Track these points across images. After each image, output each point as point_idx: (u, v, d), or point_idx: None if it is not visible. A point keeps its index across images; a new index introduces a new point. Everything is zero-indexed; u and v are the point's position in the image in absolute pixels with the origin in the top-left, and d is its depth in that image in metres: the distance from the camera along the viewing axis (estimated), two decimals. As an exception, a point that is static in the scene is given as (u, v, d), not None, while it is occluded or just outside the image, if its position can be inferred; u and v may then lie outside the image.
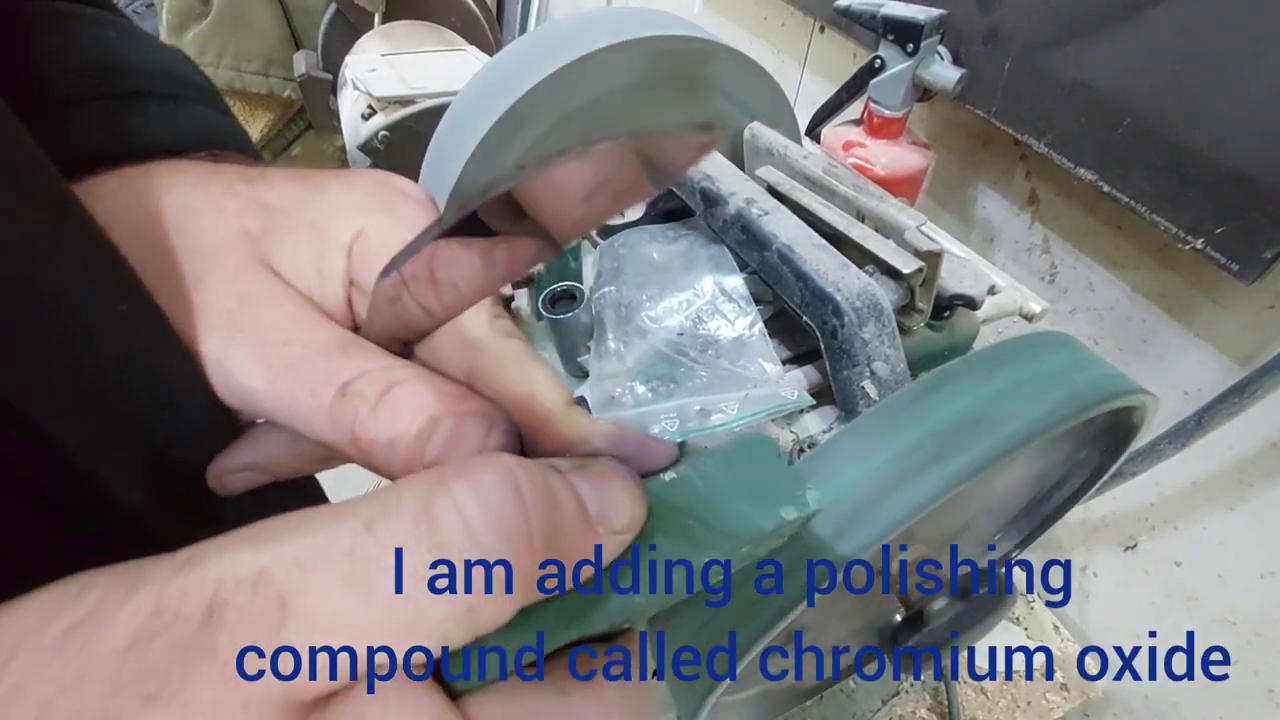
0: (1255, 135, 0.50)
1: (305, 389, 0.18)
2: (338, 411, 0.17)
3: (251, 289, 0.19)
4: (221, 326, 0.18)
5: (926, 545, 0.33)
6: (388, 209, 0.21)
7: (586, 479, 0.16)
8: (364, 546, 0.13)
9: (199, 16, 1.24)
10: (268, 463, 0.20)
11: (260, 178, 0.21)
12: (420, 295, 0.17)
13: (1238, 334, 0.59)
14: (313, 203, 0.21)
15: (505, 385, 0.19)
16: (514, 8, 1.61)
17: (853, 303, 0.42)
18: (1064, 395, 0.25)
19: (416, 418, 0.17)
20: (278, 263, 0.20)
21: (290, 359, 0.18)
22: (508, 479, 0.14)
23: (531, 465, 0.15)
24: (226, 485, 0.20)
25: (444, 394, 0.18)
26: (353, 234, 0.20)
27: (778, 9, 0.98)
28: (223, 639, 0.12)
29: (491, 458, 0.15)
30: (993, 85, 0.65)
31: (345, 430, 0.17)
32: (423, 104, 0.98)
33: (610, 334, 0.47)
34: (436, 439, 0.17)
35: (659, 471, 0.18)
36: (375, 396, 0.17)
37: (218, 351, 0.18)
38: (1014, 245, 0.76)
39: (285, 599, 0.12)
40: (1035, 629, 0.73)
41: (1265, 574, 0.61)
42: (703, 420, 0.41)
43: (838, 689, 0.64)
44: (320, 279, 0.20)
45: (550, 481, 0.15)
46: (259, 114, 1.30)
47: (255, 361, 0.18)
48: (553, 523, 0.14)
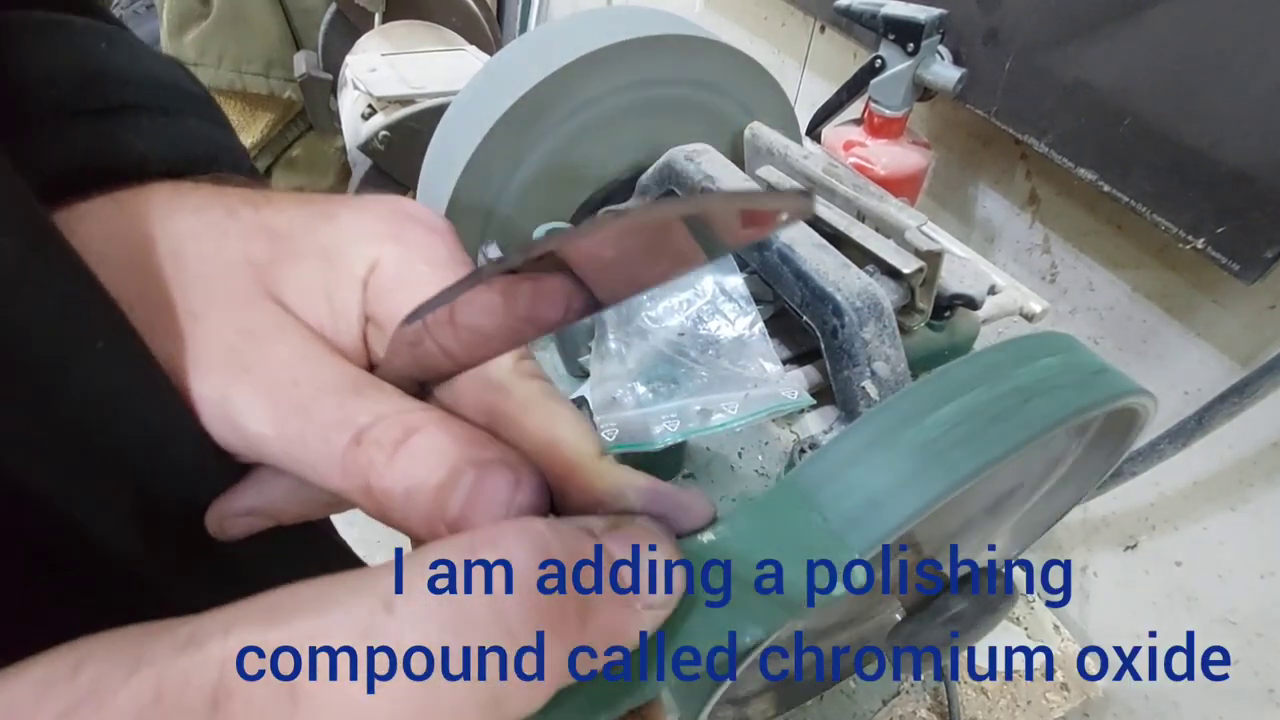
0: (1256, 135, 0.50)
1: (316, 434, 0.16)
2: (351, 459, 0.16)
3: (257, 323, 0.18)
4: (223, 364, 0.17)
5: (926, 545, 0.33)
6: (400, 237, 0.20)
7: (623, 543, 0.15)
8: (382, 629, 0.12)
9: (199, 17, 1.24)
10: (271, 508, 0.19)
11: (266, 202, 0.20)
12: (444, 341, 0.16)
13: (1238, 334, 0.59)
14: (322, 229, 0.19)
15: (529, 431, 0.18)
16: (514, 8, 1.61)
17: (853, 302, 0.42)
18: (1064, 395, 0.25)
19: (437, 468, 0.16)
20: (285, 294, 0.18)
21: (300, 401, 0.17)
22: (540, 552, 0.13)
23: (565, 532, 0.14)
24: (226, 530, 0.19)
25: (465, 441, 0.16)
26: (367, 265, 0.19)
27: (778, 9, 0.98)
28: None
29: (522, 525, 0.14)
30: (993, 85, 0.65)
31: (359, 479, 0.16)
32: (423, 104, 0.98)
33: (611, 334, 0.47)
34: (459, 493, 0.16)
35: (696, 532, 0.17)
36: (392, 444, 0.16)
37: (219, 391, 0.17)
38: (1014, 245, 0.76)
39: (295, 688, 0.11)
40: (1035, 629, 0.73)
41: (1266, 574, 0.61)
42: (703, 420, 0.41)
43: (838, 689, 0.64)
44: (331, 312, 0.19)
45: (586, 550, 0.14)
46: (259, 115, 1.30)
47: (261, 403, 0.17)
48: (589, 601, 0.13)
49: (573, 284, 0.14)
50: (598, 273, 0.14)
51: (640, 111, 0.56)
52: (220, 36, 1.24)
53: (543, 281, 0.14)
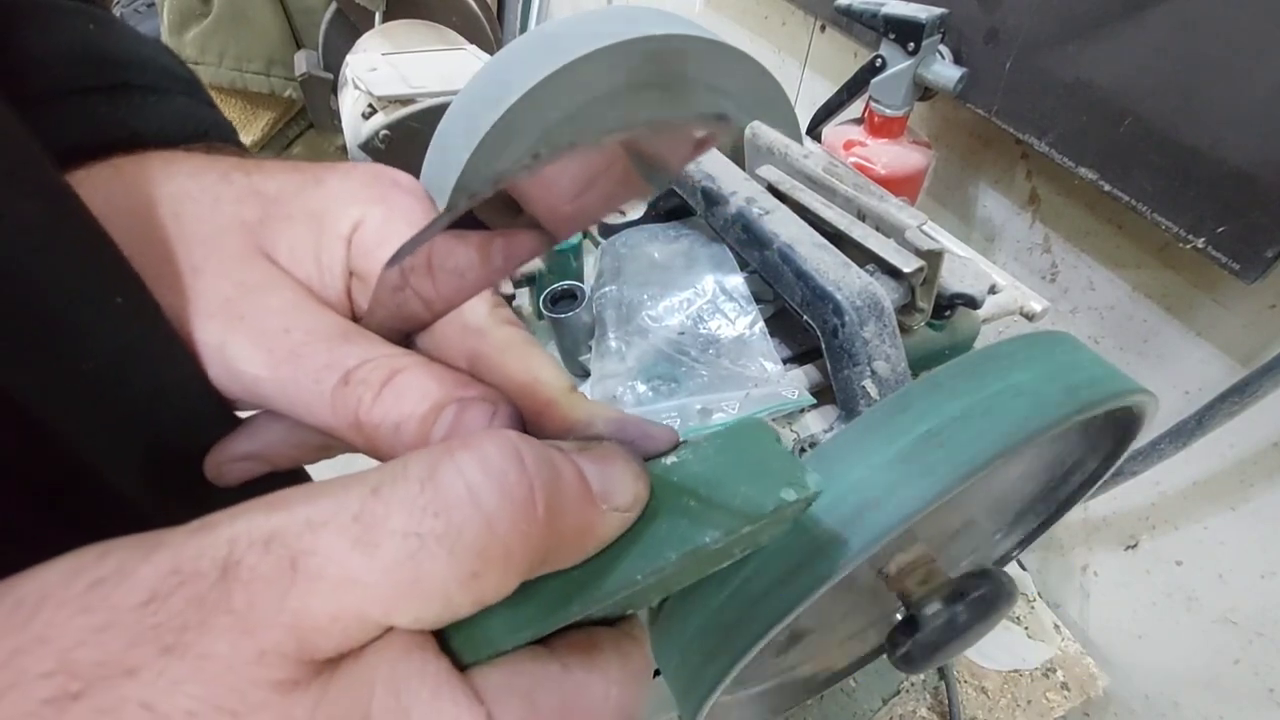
0: (1256, 134, 0.50)
1: (308, 376, 0.18)
2: (341, 398, 0.17)
3: (251, 277, 0.19)
4: (221, 314, 0.18)
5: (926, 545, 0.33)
6: (384, 200, 0.21)
7: (590, 459, 0.16)
8: (371, 509, 0.13)
9: (199, 16, 1.24)
10: (266, 452, 0.20)
11: (256, 168, 0.21)
12: (420, 286, 0.17)
13: (1239, 333, 0.59)
14: (310, 193, 0.21)
15: (507, 371, 0.19)
16: (514, 7, 1.61)
17: (853, 302, 0.42)
18: (1064, 395, 0.25)
19: (421, 403, 0.17)
20: (276, 252, 0.20)
21: (292, 346, 0.18)
22: (511, 449, 0.14)
23: (535, 440, 0.15)
24: (224, 475, 0.20)
25: (447, 380, 0.18)
26: (351, 224, 0.20)
27: (779, 8, 0.98)
28: (237, 595, 0.12)
29: (495, 431, 0.15)
30: (994, 84, 0.65)
31: (349, 416, 0.18)
32: (423, 103, 0.98)
33: (611, 333, 0.47)
34: (441, 424, 0.17)
35: (661, 455, 0.19)
36: (379, 383, 0.17)
37: (217, 338, 0.18)
38: (1015, 244, 0.76)
39: (295, 558, 0.13)
40: (1035, 629, 0.73)
41: (1266, 573, 0.61)
42: (704, 419, 0.41)
43: (838, 689, 0.64)
44: (319, 269, 0.20)
45: (553, 456, 0.15)
46: (260, 113, 1.30)
47: (256, 349, 0.18)
48: (556, 494, 0.14)
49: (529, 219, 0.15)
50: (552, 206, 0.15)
51: (640, 110, 0.56)
52: (221, 35, 1.24)
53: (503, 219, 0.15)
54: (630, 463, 0.17)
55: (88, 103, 0.21)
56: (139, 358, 0.18)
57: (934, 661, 0.32)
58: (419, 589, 0.13)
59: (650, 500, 0.17)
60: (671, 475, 0.18)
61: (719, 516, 0.17)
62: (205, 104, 0.25)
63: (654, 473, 0.18)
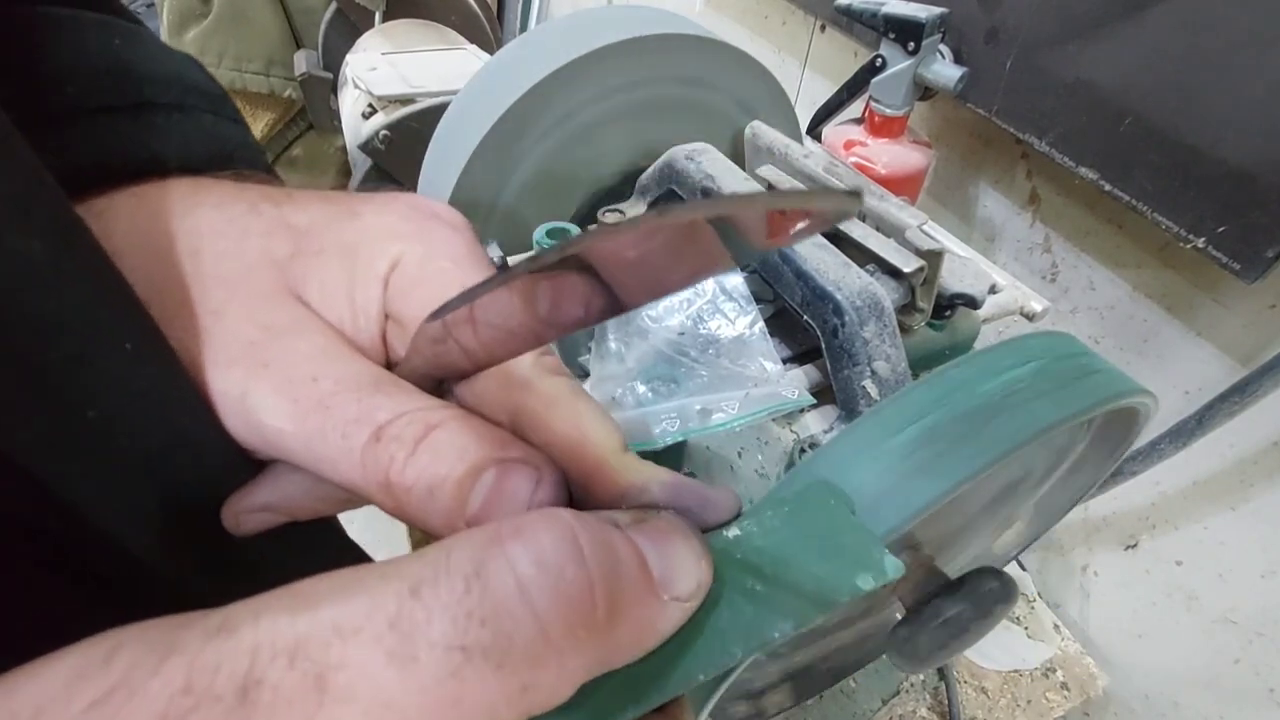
0: (1257, 134, 0.50)
1: (335, 430, 0.16)
2: (371, 455, 0.16)
3: (278, 319, 0.18)
4: (244, 359, 0.17)
5: (927, 545, 0.33)
6: (423, 235, 0.19)
7: (649, 537, 0.14)
8: (409, 614, 0.12)
9: (199, 16, 1.24)
10: (287, 504, 0.19)
11: (287, 199, 0.20)
12: (465, 340, 0.16)
13: (1239, 333, 0.59)
14: (344, 226, 0.19)
15: (553, 428, 0.17)
16: (514, 7, 1.61)
17: (853, 302, 0.42)
18: (1064, 394, 0.25)
19: (458, 465, 0.16)
20: (306, 291, 0.18)
21: (320, 396, 0.17)
22: (568, 538, 0.13)
23: (591, 522, 0.13)
24: (241, 526, 0.19)
25: (486, 439, 0.16)
26: (389, 263, 0.19)
27: (778, 8, 0.98)
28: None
29: (548, 514, 0.13)
30: (994, 84, 0.65)
31: (378, 476, 0.16)
32: (423, 103, 0.98)
33: (611, 334, 0.47)
34: (479, 490, 0.16)
35: (721, 526, 0.17)
36: (413, 440, 0.16)
37: (239, 387, 0.17)
38: (1015, 244, 0.76)
39: (323, 675, 0.11)
40: (1035, 629, 0.73)
41: (1266, 573, 0.61)
42: (703, 420, 0.41)
43: (838, 689, 0.64)
44: (352, 310, 0.19)
45: (613, 540, 0.13)
46: (260, 114, 1.30)
47: (281, 398, 0.17)
48: (617, 590, 0.13)
49: (595, 285, 0.14)
50: (620, 274, 0.14)
51: (640, 111, 0.56)
52: (220, 35, 1.24)
53: (565, 281, 0.14)
54: (692, 541, 0.15)
55: (109, 122, 0.20)
56: (150, 406, 0.16)
57: (934, 661, 0.32)
58: (461, 711, 0.11)
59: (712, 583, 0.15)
60: (734, 551, 0.16)
61: (788, 602, 0.15)
62: (231, 120, 0.24)
63: (715, 547, 0.16)
